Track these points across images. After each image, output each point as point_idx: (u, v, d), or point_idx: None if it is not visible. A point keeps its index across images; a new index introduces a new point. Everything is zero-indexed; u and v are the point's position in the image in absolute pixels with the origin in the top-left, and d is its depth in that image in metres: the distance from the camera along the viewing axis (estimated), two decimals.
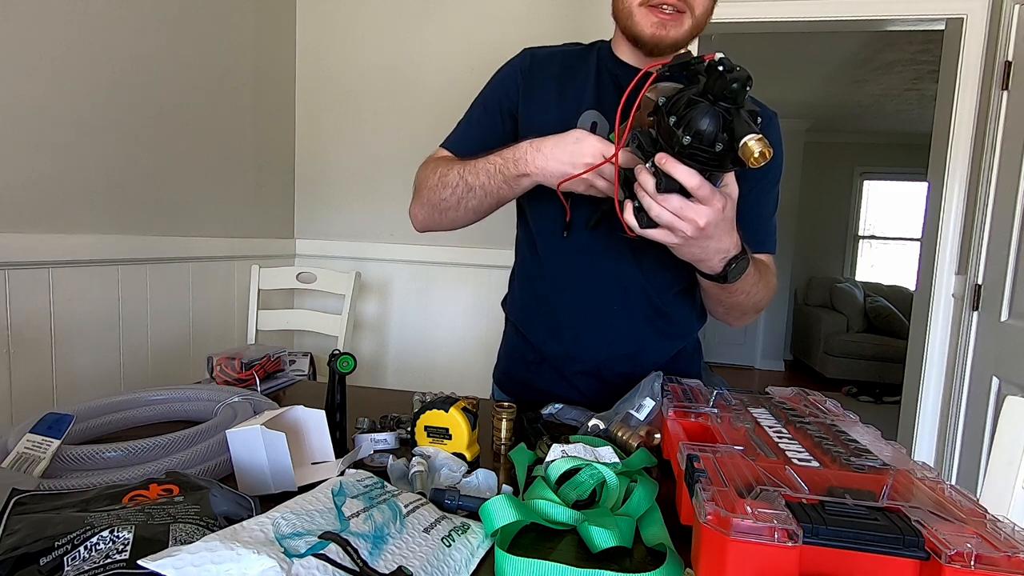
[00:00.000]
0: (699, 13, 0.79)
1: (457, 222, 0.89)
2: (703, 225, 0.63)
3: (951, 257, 1.94)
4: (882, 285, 5.29)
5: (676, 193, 0.62)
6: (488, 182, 0.80)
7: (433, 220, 0.90)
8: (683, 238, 0.65)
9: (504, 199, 0.83)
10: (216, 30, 1.73)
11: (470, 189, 0.81)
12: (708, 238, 0.66)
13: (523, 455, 0.67)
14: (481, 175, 0.80)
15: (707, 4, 0.79)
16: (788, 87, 3.92)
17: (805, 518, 0.38)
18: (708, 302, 0.90)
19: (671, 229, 0.65)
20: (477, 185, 0.81)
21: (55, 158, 1.27)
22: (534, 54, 0.91)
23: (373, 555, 0.41)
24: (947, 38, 1.96)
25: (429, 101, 2.05)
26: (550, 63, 0.89)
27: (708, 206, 0.62)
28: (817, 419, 0.63)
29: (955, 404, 1.87)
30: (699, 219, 0.63)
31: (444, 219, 0.88)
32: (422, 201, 0.89)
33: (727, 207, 0.64)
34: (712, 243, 0.67)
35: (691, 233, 0.64)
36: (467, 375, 2.08)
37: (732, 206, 0.66)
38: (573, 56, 0.90)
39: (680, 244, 0.67)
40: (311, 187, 2.19)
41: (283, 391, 0.96)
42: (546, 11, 1.95)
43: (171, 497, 0.46)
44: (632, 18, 0.80)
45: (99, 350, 1.39)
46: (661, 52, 0.81)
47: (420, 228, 0.93)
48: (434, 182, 0.85)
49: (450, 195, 0.83)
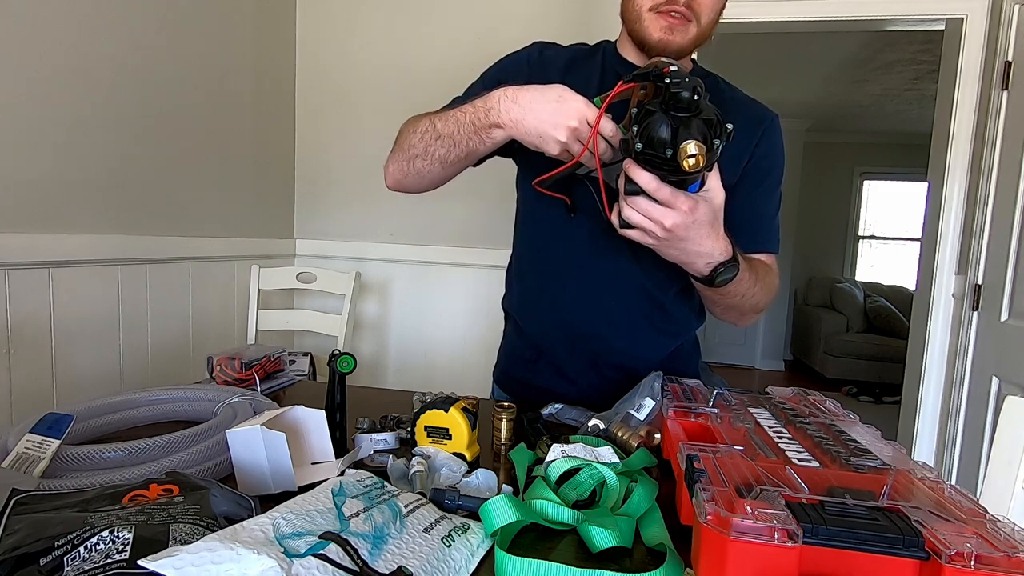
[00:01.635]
0: (704, 23, 0.79)
1: (425, 176, 0.85)
2: (669, 227, 0.65)
3: (951, 257, 1.94)
4: (882, 285, 5.29)
5: (642, 196, 0.64)
6: (457, 131, 0.77)
7: (401, 171, 0.87)
8: (655, 239, 0.67)
9: (474, 152, 0.79)
10: (216, 30, 1.73)
11: (439, 136, 0.79)
12: (681, 240, 0.67)
13: (523, 455, 0.67)
14: (450, 122, 0.77)
15: (712, 15, 0.80)
16: (788, 87, 3.92)
17: (805, 518, 0.38)
18: (705, 302, 0.90)
19: (643, 230, 0.67)
20: (446, 133, 0.78)
21: (55, 158, 1.27)
22: (543, 48, 0.91)
23: (373, 555, 0.41)
24: (947, 38, 1.96)
25: (429, 101, 2.03)
26: (557, 59, 0.90)
27: (672, 208, 0.64)
28: (817, 419, 0.63)
29: (955, 404, 1.87)
30: (664, 220, 0.64)
31: (411, 170, 0.85)
32: (394, 153, 0.87)
33: (699, 209, 0.65)
34: (688, 245, 0.68)
35: (660, 234, 0.66)
36: (467, 375, 2.08)
37: (707, 210, 0.66)
38: (580, 54, 0.91)
39: (655, 244, 0.69)
40: (311, 187, 2.19)
41: (283, 391, 0.96)
42: (547, 10, 1.95)
43: (171, 497, 0.46)
44: (641, 22, 0.80)
45: (99, 350, 1.39)
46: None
47: (391, 184, 0.90)
48: (407, 130, 0.84)
49: (418, 141, 0.81)
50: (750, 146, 0.87)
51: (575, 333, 0.91)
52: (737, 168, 0.86)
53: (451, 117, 0.78)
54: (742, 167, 0.86)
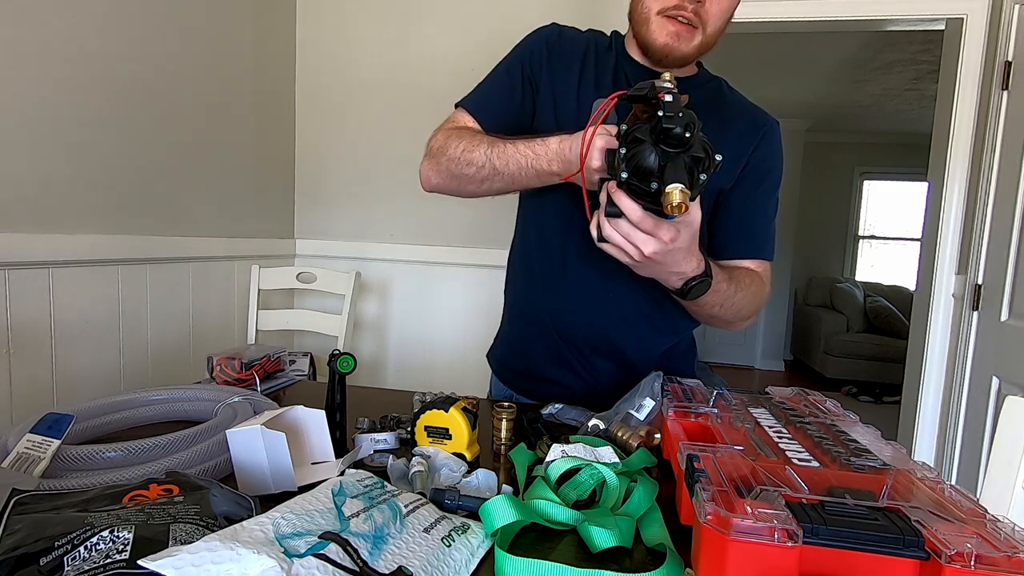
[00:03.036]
0: (710, 31, 0.80)
1: (472, 195, 0.88)
2: (648, 254, 0.65)
3: (951, 257, 1.94)
4: (882, 285, 5.29)
5: (624, 219, 0.64)
6: (518, 173, 0.79)
7: (446, 186, 0.89)
8: (631, 260, 0.68)
9: (528, 188, 0.83)
10: (216, 30, 1.73)
11: (497, 174, 0.81)
12: (658, 264, 0.68)
13: (523, 455, 0.67)
14: (511, 164, 0.79)
15: (719, 24, 0.80)
16: (788, 87, 3.92)
17: (805, 518, 0.38)
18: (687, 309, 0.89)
19: (621, 249, 0.67)
20: (507, 173, 0.80)
21: (55, 158, 1.27)
22: (562, 30, 0.92)
23: (373, 555, 0.41)
24: (947, 38, 1.96)
25: (429, 101, 2.05)
26: (575, 42, 0.90)
27: (654, 237, 0.64)
28: (817, 419, 0.63)
29: (955, 404, 1.87)
30: (644, 248, 0.65)
31: (460, 190, 0.88)
32: (440, 169, 0.87)
33: (679, 239, 0.65)
34: (664, 268, 0.70)
35: (637, 258, 0.66)
36: (467, 375, 2.08)
37: (687, 236, 0.67)
38: (597, 42, 0.91)
39: (631, 264, 0.69)
40: (311, 187, 2.19)
41: (283, 391, 0.96)
42: (547, 9, 1.95)
43: (171, 497, 0.46)
44: (648, 26, 0.80)
45: (99, 350, 1.39)
46: (668, 64, 0.82)
47: (429, 189, 0.92)
48: (457, 154, 0.84)
49: (474, 173, 0.82)
50: (748, 150, 0.87)
51: (572, 326, 0.91)
52: (734, 172, 0.86)
53: (511, 159, 0.79)
54: (739, 171, 0.86)
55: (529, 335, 0.97)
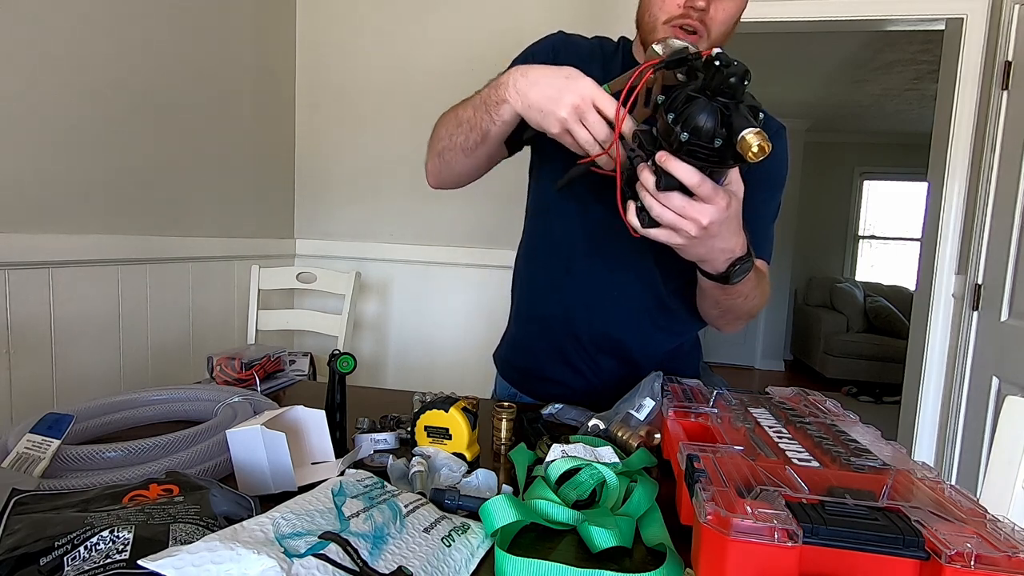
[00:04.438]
0: (715, 37, 0.79)
1: (453, 168, 0.86)
2: (707, 224, 0.61)
3: (951, 257, 1.94)
4: (882, 285, 5.29)
5: (677, 191, 0.60)
6: (472, 113, 0.76)
7: (435, 167, 0.88)
8: (687, 238, 0.62)
9: (489, 136, 0.77)
10: (216, 30, 1.73)
11: (459, 124, 0.79)
12: (712, 237, 0.64)
13: (523, 455, 0.67)
14: (469, 107, 0.77)
15: (724, 29, 0.79)
16: (788, 87, 3.92)
17: (805, 518, 0.38)
18: (703, 303, 0.89)
19: (674, 229, 0.62)
20: (464, 118, 0.78)
21: (55, 158, 1.27)
22: (568, 36, 0.92)
23: (373, 555, 0.41)
24: (947, 38, 1.96)
25: (429, 100, 2.04)
26: (581, 47, 0.90)
27: (712, 204, 0.60)
28: (817, 419, 0.63)
29: (955, 404, 1.87)
30: (702, 218, 0.61)
31: (443, 164, 0.86)
32: (428, 151, 0.87)
33: (732, 204, 0.62)
34: (717, 242, 0.65)
35: (695, 233, 0.62)
36: (467, 375, 2.08)
37: (738, 204, 0.64)
38: (603, 47, 0.91)
39: (684, 244, 0.64)
40: (311, 187, 2.19)
41: (283, 391, 0.96)
42: (547, 8, 1.95)
43: (171, 497, 0.46)
44: (655, 33, 0.80)
45: (99, 350, 1.39)
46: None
47: (432, 183, 0.91)
48: (437, 125, 0.84)
49: (444, 133, 0.82)
50: None
51: (577, 324, 0.91)
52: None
53: (470, 102, 0.78)
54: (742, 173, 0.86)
55: (534, 334, 0.97)
